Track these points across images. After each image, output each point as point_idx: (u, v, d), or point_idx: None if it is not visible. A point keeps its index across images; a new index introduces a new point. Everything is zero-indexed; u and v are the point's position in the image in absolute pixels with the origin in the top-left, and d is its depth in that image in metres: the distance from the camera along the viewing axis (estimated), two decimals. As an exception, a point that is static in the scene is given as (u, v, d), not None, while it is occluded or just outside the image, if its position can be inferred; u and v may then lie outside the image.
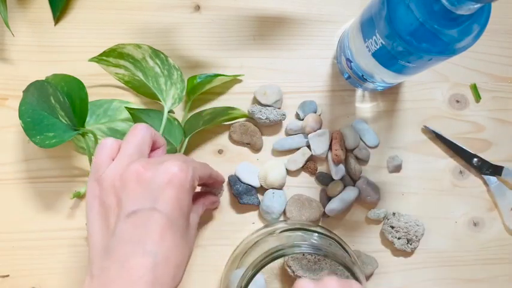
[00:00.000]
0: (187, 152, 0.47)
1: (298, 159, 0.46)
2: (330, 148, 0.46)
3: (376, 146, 0.48)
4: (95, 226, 0.32)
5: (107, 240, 0.31)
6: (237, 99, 0.48)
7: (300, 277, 0.43)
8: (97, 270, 0.30)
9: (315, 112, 0.47)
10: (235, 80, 0.48)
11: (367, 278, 0.46)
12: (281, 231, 0.43)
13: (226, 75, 0.46)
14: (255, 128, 0.47)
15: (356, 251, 0.46)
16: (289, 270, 0.43)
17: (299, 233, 0.42)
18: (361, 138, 0.47)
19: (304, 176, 0.47)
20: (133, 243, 0.29)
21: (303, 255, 0.43)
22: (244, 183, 0.45)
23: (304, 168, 0.47)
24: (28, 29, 0.48)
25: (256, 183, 0.46)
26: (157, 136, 0.36)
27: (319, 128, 0.47)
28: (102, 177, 0.33)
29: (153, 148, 0.36)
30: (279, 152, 0.47)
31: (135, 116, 0.44)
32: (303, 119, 0.47)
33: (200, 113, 0.46)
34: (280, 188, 0.46)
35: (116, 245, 0.30)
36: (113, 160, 0.33)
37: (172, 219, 0.30)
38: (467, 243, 0.48)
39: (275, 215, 0.45)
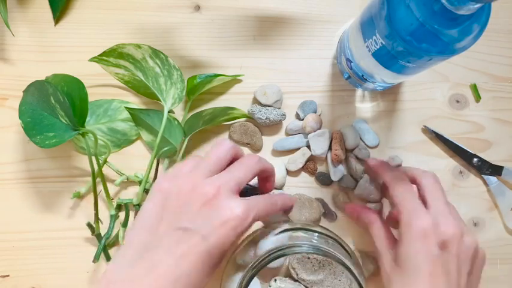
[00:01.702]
0: (187, 152, 0.47)
1: (298, 159, 0.46)
2: (330, 148, 0.46)
3: (376, 146, 0.48)
4: (147, 214, 0.33)
5: (150, 235, 0.32)
6: (237, 99, 0.48)
7: (303, 280, 0.43)
8: (132, 257, 0.31)
9: (315, 112, 0.47)
10: (235, 80, 0.48)
11: (367, 278, 0.46)
12: (281, 231, 0.43)
13: (226, 75, 0.46)
14: (255, 128, 0.47)
15: (356, 251, 0.46)
16: (293, 272, 0.43)
17: (299, 233, 0.42)
18: (361, 138, 0.47)
19: (304, 176, 0.47)
20: (170, 255, 0.30)
21: (308, 258, 0.43)
22: (244, 183, 0.45)
23: (304, 168, 0.47)
24: (28, 29, 0.48)
25: (256, 183, 0.46)
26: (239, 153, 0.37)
27: (319, 128, 0.47)
28: (178, 176, 0.34)
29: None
30: (279, 152, 0.47)
31: (135, 116, 0.44)
32: (303, 119, 0.47)
33: (200, 113, 0.46)
34: (280, 188, 0.46)
35: (155, 246, 0.31)
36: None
37: (211, 253, 0.31)
38: (467, 243, 0.47)
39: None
